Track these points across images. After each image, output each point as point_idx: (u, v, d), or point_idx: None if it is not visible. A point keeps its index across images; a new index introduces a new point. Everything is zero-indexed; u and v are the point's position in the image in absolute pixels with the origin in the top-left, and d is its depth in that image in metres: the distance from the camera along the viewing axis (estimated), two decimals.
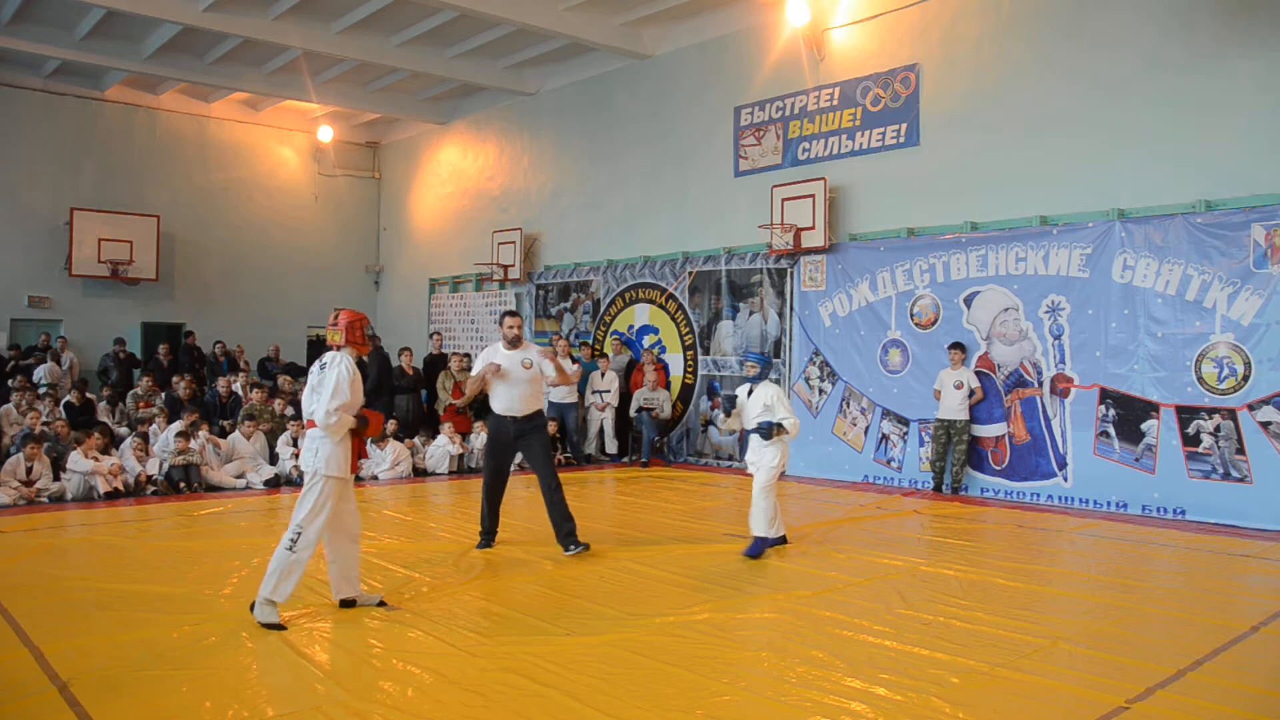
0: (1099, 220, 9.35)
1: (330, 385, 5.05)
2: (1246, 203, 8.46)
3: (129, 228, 16.36)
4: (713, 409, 12.73)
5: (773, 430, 6.75)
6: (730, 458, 12.45)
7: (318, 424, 5.08)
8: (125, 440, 10.40)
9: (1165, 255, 8.85)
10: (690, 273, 13.10)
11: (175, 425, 10.45)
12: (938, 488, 10.15)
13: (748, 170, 12.61)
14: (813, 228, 11.35)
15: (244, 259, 18.22)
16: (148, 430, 10.73)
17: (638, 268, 13.89)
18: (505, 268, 15.74)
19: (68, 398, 11.87)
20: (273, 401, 12.15)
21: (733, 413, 7.14)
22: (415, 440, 11.88)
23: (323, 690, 4.04)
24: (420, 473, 11.56)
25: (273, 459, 10.88)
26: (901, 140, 10.97)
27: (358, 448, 5.27)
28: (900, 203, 10.94)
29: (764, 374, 7.04)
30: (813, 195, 11.36)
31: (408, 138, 19.17)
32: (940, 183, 10.61)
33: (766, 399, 6.86)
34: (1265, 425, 8.25)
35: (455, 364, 13.05)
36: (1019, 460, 9.83)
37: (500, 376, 6.75)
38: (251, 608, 5.01)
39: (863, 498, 9.92)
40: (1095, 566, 6.87)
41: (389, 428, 11.61)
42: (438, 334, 15.26)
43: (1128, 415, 9.04)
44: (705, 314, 12.93)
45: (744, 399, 7.03)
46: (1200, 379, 8.62)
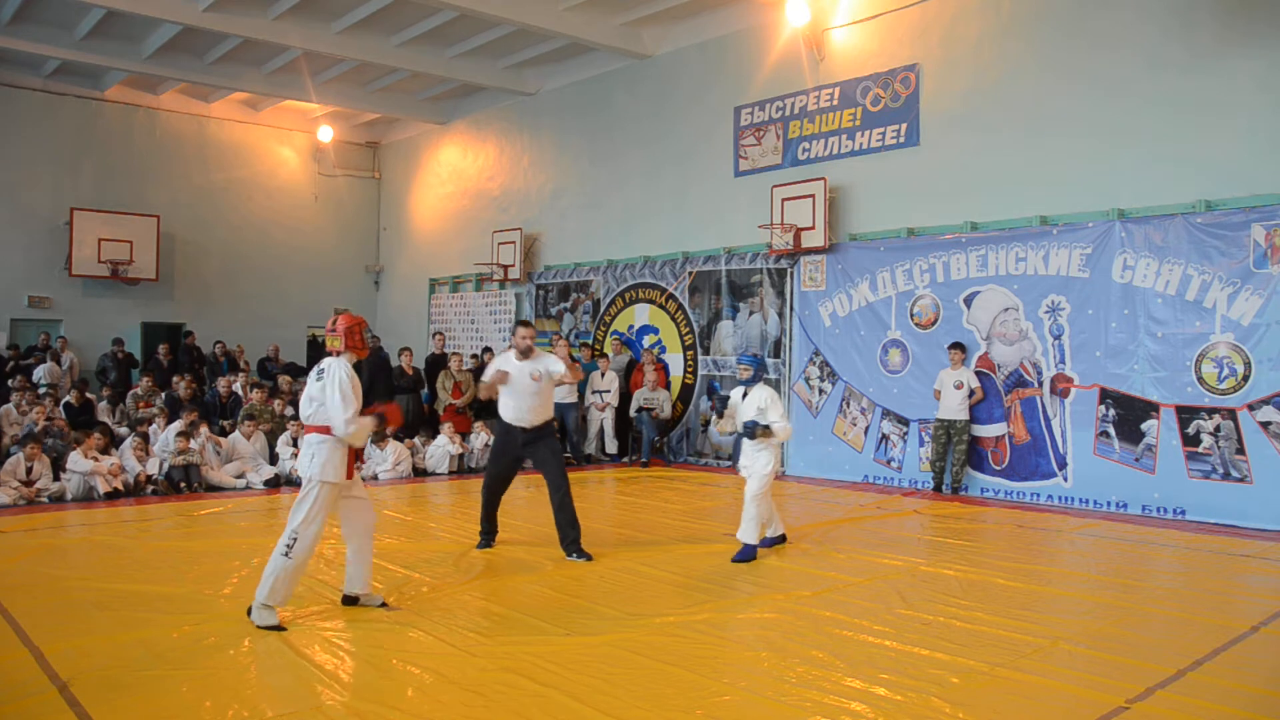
0: (1099, 220, 9.36)
1: (335, 395, 5.03)
2: (1246, 203, 8.47)
3: (129, 228, 16.37)
4: (711, 409, 12.69)
5: (756, 430, 6.59)
6: (730, 458, 12.44)
7: (337, 435, 5.05)
8: (125, 440, 10.40)
9: (1165, 255, 8.85)
10: (690, 273, 13.10)
11: (175, 425, 10.45)
12: (938, 488, 10.16)
13: (748, 170, 12.61)
14: (813, 228, 11.35)
15: (244, 259, 18.23)
16: (147, 430, 10.73)
17: (638, 268, 13.89)
18: (505, 268, 15.74)
19: (67, 398, 11.87)
20: (272, 401, 12.15)
21: (725, 414, 7.02)
22: (415, 440, 11.88)
23: (322, 690, 4.04)
24: (420, 473, 11.56)
25: (273, 459, 10.89)
26: (901, 140, 10.97)
27: (353, 452, 5.26)
28: (900, 203, 10.94)
29: (757, 376, 6.91)
30: (813, 195, 11.36)
31: (408, 138, 19.18)
32: (940, 183, 10.61)
33: (760, 402, 6.76)
34: (1265, 425, 8.25)
35: (455, 364, 13.05)
36: (1019, 460, 9.83)
37: (503, 382, 6.73)
38: (249, 612, 4.99)
39: (863, 498, 9.92)
40: (1095, 566, 6.87)
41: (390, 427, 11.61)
42: (440, 334, 15.24)
43: (1128, 415, 9.05)
44: (705, 314, 12.93)
45: (738, 401, 6.94)
46: (1200, 379, 8.62)
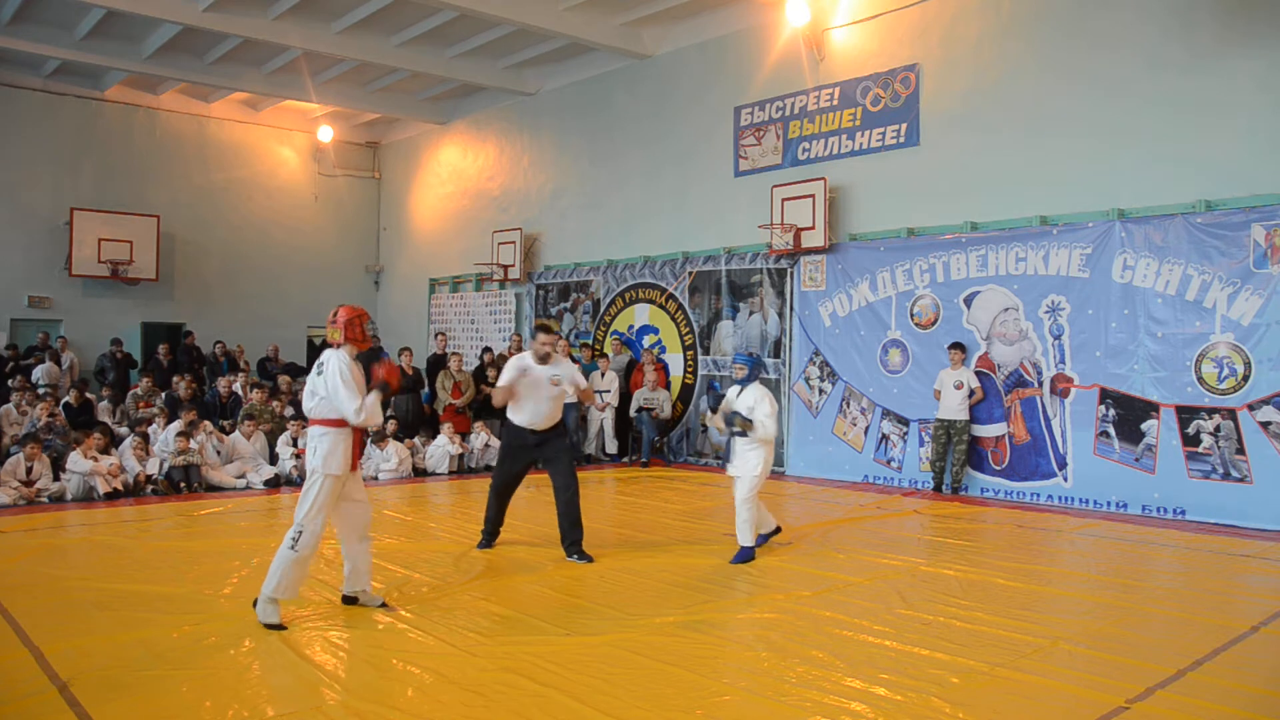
0: (1099, 220, 9.36)
1: (338, 387, 5.02)
2: (1246, 203, 8.46)
3: (129, 228, 16.37)
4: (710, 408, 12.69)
5: (736, 420, 6.59)
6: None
7: (354, 423, 5.05)
8: (125, 440, 10.40)
9: (1165, 255, 8.85)
10: (690, 273, 13.10)
11: (175, 425, 10.45)
12: (938, 488, 10.15)
13: (748, 170, 12.61)
14: (813, 228, 11.35)
15: (244, 259, 18.22)
16: (147, 430, 10.72)
17: (638, 268, 13.89)
18: (505, 268, 15.74)
19: (67, 398, 11.87)
20: (272, 402, 12.15)
21: (719, 408, 7.00)
22: (415, 440, 11.88)
23: (323, 690, 4.05)
24: (420, 473, 11.55)
25: (273, 459, 10.89)
26: (901, 140, 10.97)
27: (358, 443, 5.26)
28: (900, 203, 10.94)
29: (753, 375, 6.92)
30: (813, 195, 11.36)
31: (408, 138, 19.17)
32: (940, 183, 10.61)
33: (751, 400, 6.75)
34: (1265, 425, 8.25)
35: (455, 364, 13.05)
36: (1019, 460, 9.83)
37: (515, 393, 6.73)
38: (255, 604, 5.01)
39: (863, 498, 9.92)
40: (1095, 566, 6.87)
41: (389, 427, 11.61)
42: (442, 334, 15.25)
43: (1128, 415, 9.05)
44: (705, 314, 12.93)
45: (732, 398, 6.96)
46: (1200, 379, 8.62)
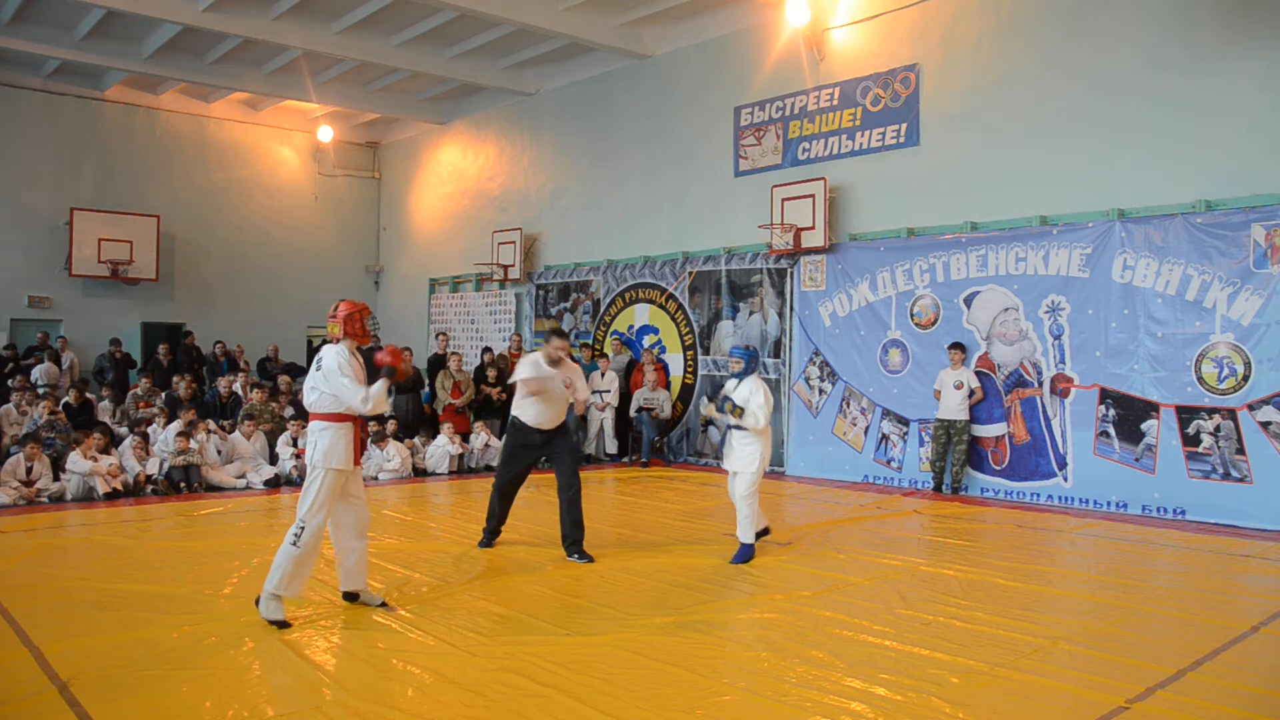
0: (1099, 220, 9.36)
1: (339, 381, 5.00)
2: (1246, 203, 8.46)
3: (129, 228, 16.37)
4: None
5: (726, 404, 6.63)
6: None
7: (363, 412, 5.05)
8: (125, 440, 10.40)
9: (1165, 255, 8.85)
10: (690, 273, 13.10)
11: (174, 425, 10.45)
12: (938, 488, 10.15)
13: (748, 170, 12.61)
14: (813, 228, 11.35)
15: (244, 259, 18.23)
16: (147, 430, 10.72)
17: (638, 268, 13.89)
18: (505, 268, 15.74)
19: (67, 398, 11.87)
20: (272, 402, 12.14)
21: (715, 398, 7.03)
22: (415, 440, 11.88)
23: (323, 690, 4.05)
24: (420, 473, 11.55)
25: (273, 459, 10.89)
26: (901, 140, 10.97)
27: (359, 438, 5.25)
28: (900, 203, 10.94)
29: (749, 369, 6.92)
30: (813, 195, 11.36)
31: (408, 138, 19.17)
32: (940, 183, 10.61)
33: (745, 393, 6.78)
34: (1265, 425, 8.25)
35: (454, 364, 13.05)
36: (1019, 460, 9.83)
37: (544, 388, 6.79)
38: (257, 602, 5.00)
39: (863, 498, 9.92)
40: (1095, 566, 6.87)
41: (390, 427, 11.60)
42: (444, 334, 15.27)
43: (1128, 415, 9.04)
44: (705, 314, 12.93)
45: (730, 391, 6.96)
46: (1200, 379, 8.62)
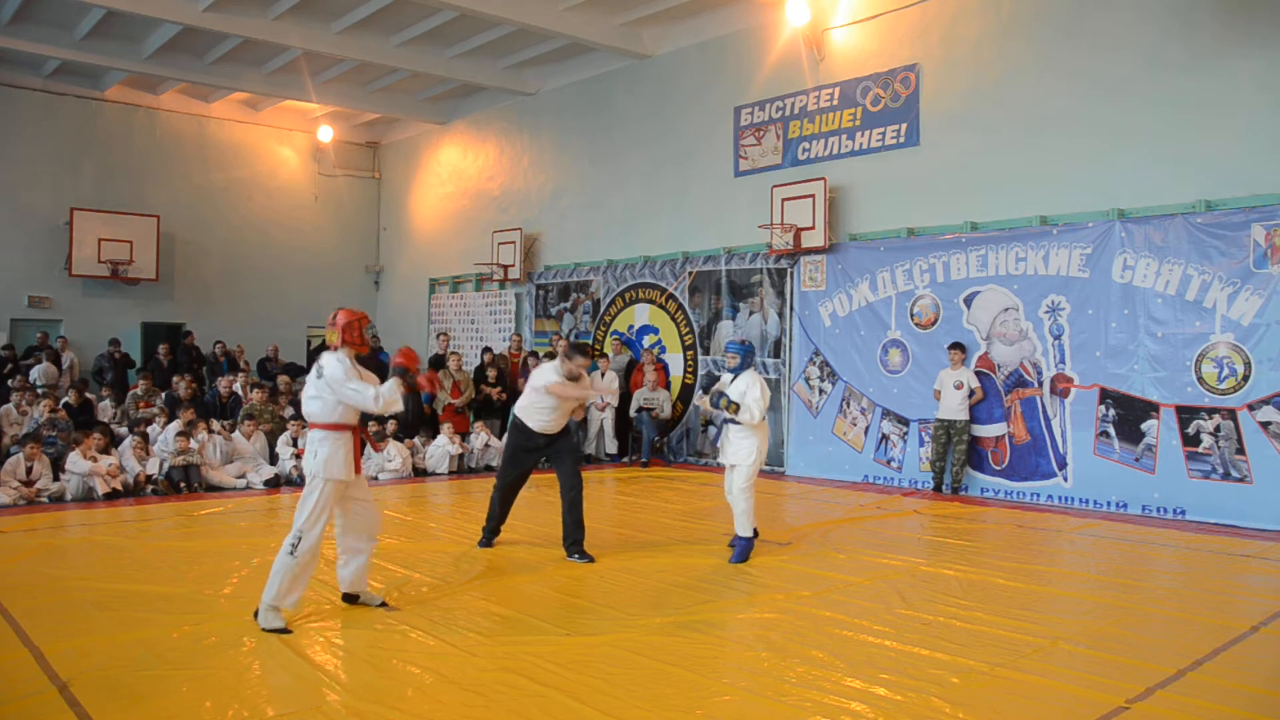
0: (1099, 220, 9.35)
1: (345, 387, 4.96)
2: (1246, 203, 8.46)
3: (129, 228, 16.36)
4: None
5: (722, 400, 6.62)
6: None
7: (377, 411, 5.02)
8: (125, 440, 10.40)
9: (1165, 255, 8.85)
10: (690, 273, 13.10)
11: (174, 425, 10.44)
12: (938, 488, 10.15)
13: (748, 170, 12.61)
14: (813, 228, 11.34)
15: (244, 259, 18.22)
16: (147, 430, 10.72)
17: (638, 268, 13.89)
18: (505, 268, 15.74)
19: (66, 398, 11.86)
20: (272, 402, 12.14)
21: (710, 391, 7.00)
22: (415, 440, 11.87)
23: (322, 690, 4.04)
24: (420, 473, 11.55)
25: (273, 459, 10.88)
26: (901, 140, 10.97)
27: (358, 448, 5.23)
28: (900, 203, 10.94)
29: (745, 364, 6.91)
30: (813, 195, 11.35)
31: (408, 138, 19.17)
32: (940, 183, 10.61)
33: (742, 387, 6.77)
34: (1265, 425, 8.25)
35: (454, 363, 13.04)
36: (1019, 460, 9.83)
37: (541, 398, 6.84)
38: (255, 615, 4.94)
39: (863, 498, 9.92)
40: (1095, 566, 6.87)
41: (389, 427, 11.59)
42: (444, 334, 15.26)
43: (1128, 415, 9.04)
44: (705, 314, 12.93)
45: (725, 385, 6.96)
46: (1200, 379, 8.62)
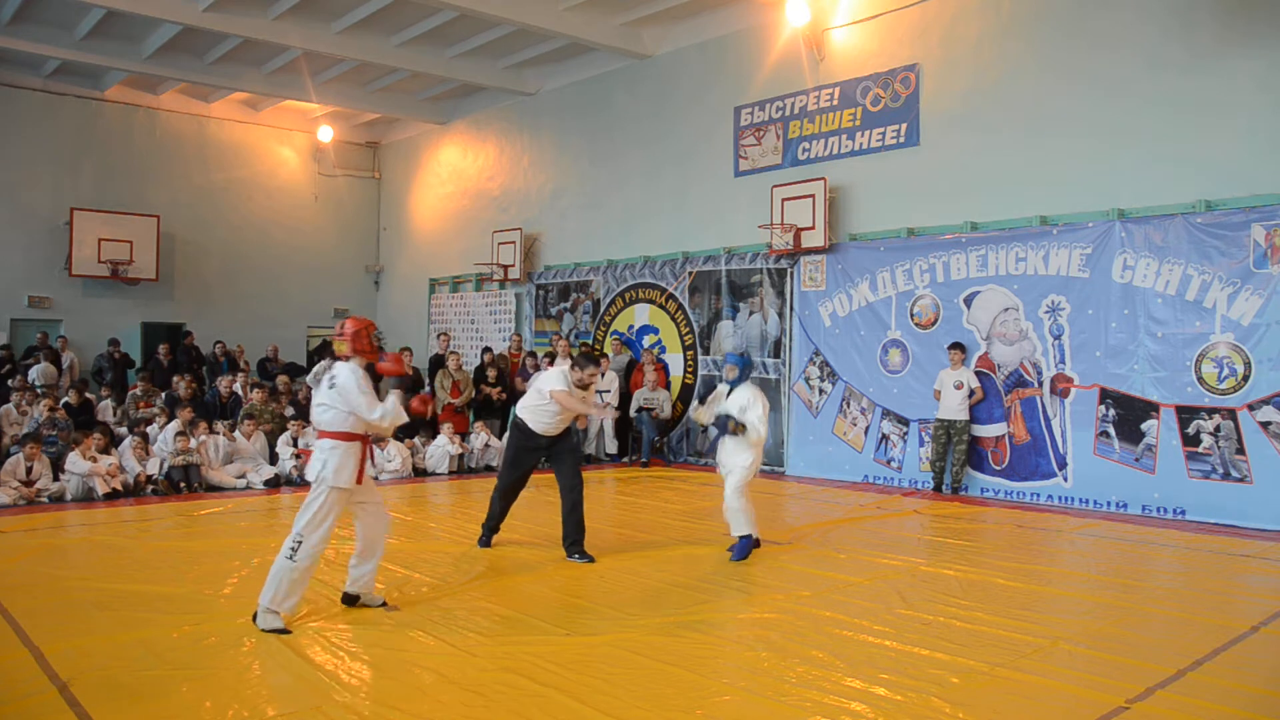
0: (1099, 220, 9.35)
1: (356, 398, 5.00)
2: (1246, 203, 8.46)
3: (129, 228, 16.36)
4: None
5: (729, 423, 6.55)
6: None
7: (381, 426, 5.08)
8: (125, 440, 10.39)
9: (1165, 255, 8.85)
10: (690, 273, 13.10)
11: (173, 425, 10.44)
12: (938, 488, 10.15)
13: (748, 170, 12.60)
14: (813, 228, 11.34)
15: (244, 259, 18.22)
16: (146, 430, 10.71)
17: (638, 268, 13.89)
18: (505, 268, 15.74)
19: (66, 398, 11.86)
20: (272, 402, 12.13)
21: (706, 402, 6.95)
22: (415, 440, 11.87)
23: (323, 690, 4.04)
24: (420, 473, 11.55)
25: (273, 459, 10.88)
26: (901, 140, 10.97)
27: (364, 457, 5.22)
28: (900, 203, 10.94)
29: (744, 375, 6.85)
30: (813, 195, 11.35)
31: (408, 138, 19.17)
32: (940, 183, 10.60)
33: (743, 400, 6.70)
34: (1265, 425, 8.25)
35: (453, 363, 13.04)
36: (1019, 460, 9.83)
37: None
38: (254, 618, 4.92)
39: (863, 498, 9.92)
40: (1095, 566, 6.87)
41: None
42: (445, 334, 15.27)
43: (1128, 415, 9.04)
44: (705, 314, 12.93)
45: (721, 394, 6.90)
46: (1200, 379, 8.62)
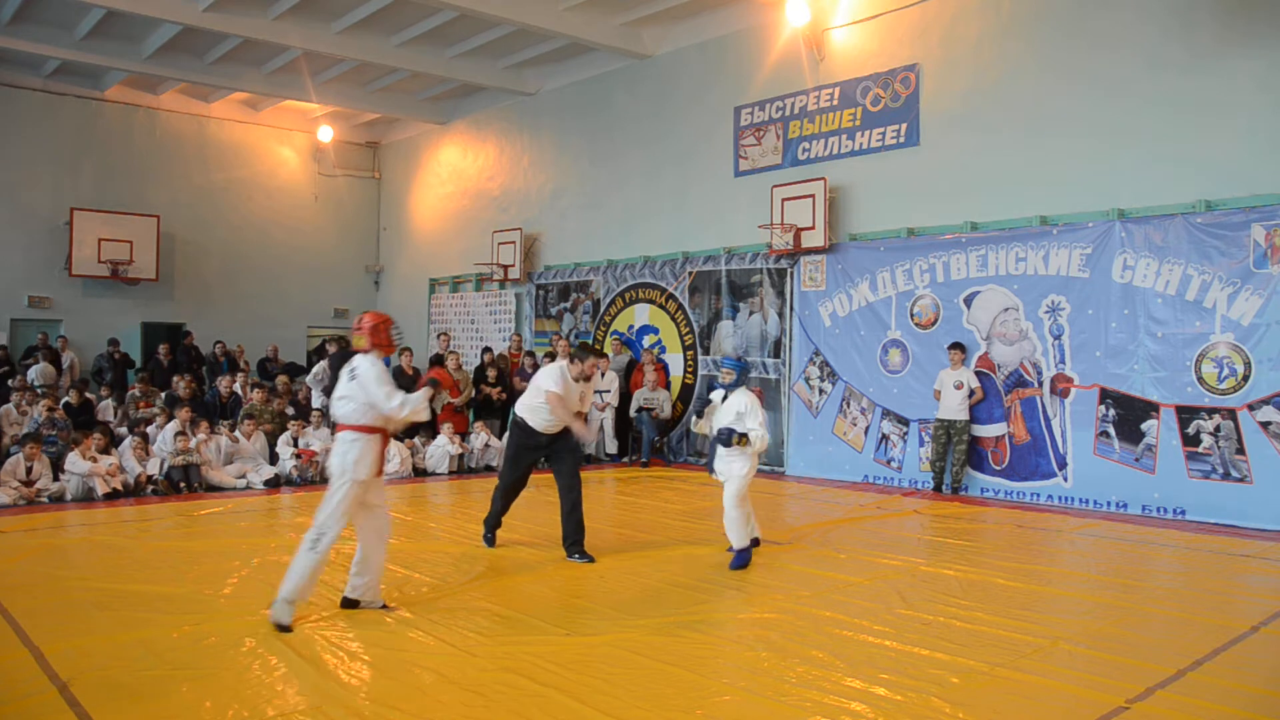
0: (1099, 220, 9.35)
1: (376, 390, 5.05)
2: (1246, 203, 8.46)
3: (129, 228, 16.36)
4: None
5: (734, 438, 6.40)
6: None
7: (401, 418, 5.13)
8: (125, 440, 10.39)
9: (1165, 255, 8.85)
10: (690, 273, 13.10)
11: (172, 425, 10.44)
12: (938, 488, 10.15)
13: (748, 170, 12.61)
14: (813, 228, 11.34)
15: (244, 259, 18.22)
16: (146, 430, 10.71)
17: (638, 268, 13.89)
18: (505, 268, 15.74)
19: (66, 398, 11.86)
20: (272, 402, 12.13)
21: (705, 413, 6.85)
22: (415, 440, 11.87)
23: (323, 690, 4.04)
24: (420, 473, 11.55)
25: (273, 459, 10.88)
26: (901, 140, 10.97)
27: (384, 451, 5.25)
28: (900, 203, 10.94)
29: (740, 380, 6.70)
30: (813, 195, 11.35)
31: (408, 138, 19.17)
32: (940, 183, 10.61)
33: (740, 407, 6.54)
34: (1265, 425, 8.25)
35: (452, 363, 13.04)
36: (1019, 460, 9.83)
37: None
38: (271, 607, 4.94)
39: (863, 498, 9.92)
40: (1095, 566, 6.87)
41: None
42: (444, 334, 15.27)
43: (1128, 415, 9.04)
44: (705, 314, 12.93)
45: (717, 403, 6.76)
46: (1200, 379, 8.62)
